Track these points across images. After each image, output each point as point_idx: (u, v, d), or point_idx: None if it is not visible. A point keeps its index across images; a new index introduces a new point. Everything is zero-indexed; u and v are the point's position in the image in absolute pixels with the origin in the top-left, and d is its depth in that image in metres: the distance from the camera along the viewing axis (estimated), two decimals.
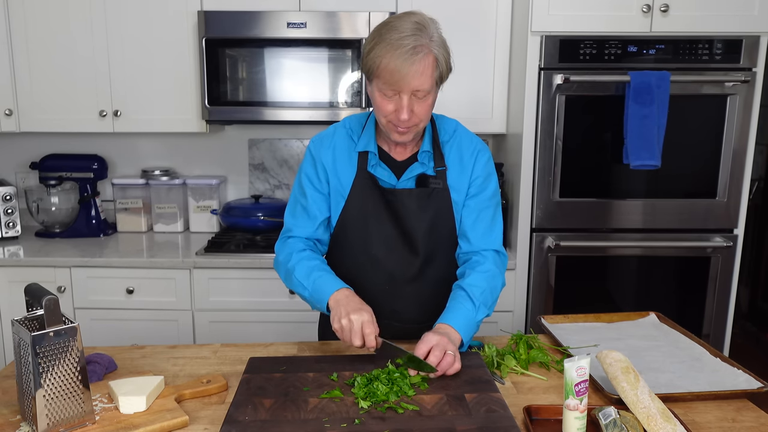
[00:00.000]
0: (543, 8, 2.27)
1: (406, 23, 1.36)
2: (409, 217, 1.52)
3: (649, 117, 2.23)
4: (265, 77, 2.50)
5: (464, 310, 1.43)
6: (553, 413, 1.20)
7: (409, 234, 1.53)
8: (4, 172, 3.00)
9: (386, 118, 1.43)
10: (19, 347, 1.12)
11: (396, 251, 1.54)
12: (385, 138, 1.53)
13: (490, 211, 1.56)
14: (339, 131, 1.57)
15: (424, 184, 1.53)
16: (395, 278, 1.55)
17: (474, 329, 1.45)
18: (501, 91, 2.58)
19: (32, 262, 2.41)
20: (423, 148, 1.52)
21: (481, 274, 1.48)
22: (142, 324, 2.44)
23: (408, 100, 1.38)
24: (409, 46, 1.33)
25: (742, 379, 1.34)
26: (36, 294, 1.12)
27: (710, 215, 2.40)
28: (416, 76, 1.35)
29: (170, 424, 1.17)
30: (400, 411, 1.18)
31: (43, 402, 1.10)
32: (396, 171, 1.53)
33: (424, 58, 1.35)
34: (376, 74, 1.38)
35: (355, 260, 1.56)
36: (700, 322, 2.47)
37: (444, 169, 1.53)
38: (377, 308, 1.50)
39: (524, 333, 1.87)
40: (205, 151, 3.00)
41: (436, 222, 1.53)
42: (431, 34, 1.37)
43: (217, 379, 1.33)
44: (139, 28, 2.55)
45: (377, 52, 1.36)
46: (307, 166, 1.58)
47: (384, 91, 1.39)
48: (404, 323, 1.57)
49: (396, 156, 1.55)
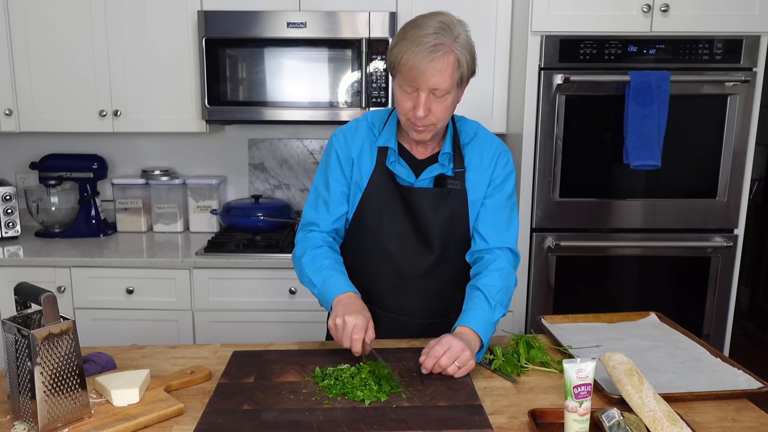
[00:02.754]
0: (543, 8, 2.26)
1: (431, 21, 1.37)
2: (424, 215, 1.53)
3: (649, 117, 2.23)
4: (265, 77, 2.50)
5: (482, 311, 1.43)
6: (558, 417, 1.18)
7: (423, 231, 1.54)
8: (4, 172, 3.00)
9: (405, 116, 1.44)
10: (15, 345, 1.12)
11: (408, 247, 1.54)
12: (406, 135, 1.54)
13: (506, 210, 1.56)
14: (361, 125, 1.59)
15: (442, 184, 1.53)
16: (405, 274, 1.56)
17: (492, 330, 1.45)
18: (501, 91, 2.58)
19: (32, 262, 2.41)
20: (444, 150, 1.53)
21: (495, 273, 1.48)
22: (142, 324, 2.44)
23: (426, 97, 1.39)
24: (429, 44, 1.34)
25: (742, 379, 1.34)
26: (31, 292, 1.13)
27: (710, 215, 2.40)
28: (434, 73, 1.35)
29: (167, 413, 1.20)
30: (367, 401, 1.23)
31: (42, 398, 1.10)
32: (415, 169, 1.54)
33: (444, 57, 1.35)
34: (397, 69, 1.40)
35: (368, 252, 1.57)
36: (700, 322, 2.47)
37: (463, 171, 1.54)
38: (385, 301, 1.54)
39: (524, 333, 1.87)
40: (205, 151, 2.99)
41: (450, 222, 1.54)
42: (456, 35, 1.37)
43: (200, 370, 1.37)
44: (139, 28, 2.54)
45: (399, 48, 1.38)
46: (329, 160, 1.58)
47: (403, 87, 1.40)
48: (410, 318, 1.59)
49: (417, 154, 1.56)
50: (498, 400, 1.28)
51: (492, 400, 1.28)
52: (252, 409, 1.20)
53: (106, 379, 1.25)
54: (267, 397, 1.25)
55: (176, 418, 1.21)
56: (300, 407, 1.21)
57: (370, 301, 1.56)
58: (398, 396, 1.25)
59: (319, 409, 1.20)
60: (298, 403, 1.22)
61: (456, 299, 1.59)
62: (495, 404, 1.26)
